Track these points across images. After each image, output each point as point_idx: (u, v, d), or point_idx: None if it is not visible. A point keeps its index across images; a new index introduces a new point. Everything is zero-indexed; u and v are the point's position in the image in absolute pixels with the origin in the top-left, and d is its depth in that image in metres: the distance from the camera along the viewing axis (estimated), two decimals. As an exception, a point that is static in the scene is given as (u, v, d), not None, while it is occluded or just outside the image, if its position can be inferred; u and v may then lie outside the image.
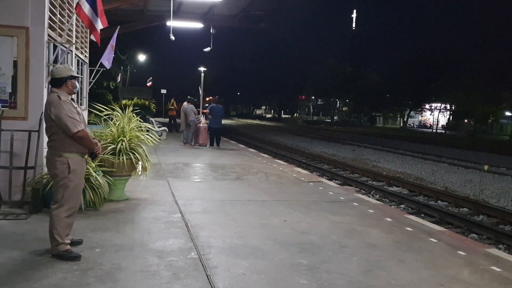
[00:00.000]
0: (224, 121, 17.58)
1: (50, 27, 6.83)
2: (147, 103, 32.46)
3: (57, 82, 4.56)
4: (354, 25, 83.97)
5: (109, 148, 6.79)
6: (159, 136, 13.46)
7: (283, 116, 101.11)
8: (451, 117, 65.29)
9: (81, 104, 10.29)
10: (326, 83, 75.59)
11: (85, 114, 10.67)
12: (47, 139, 4.61)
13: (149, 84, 41.38)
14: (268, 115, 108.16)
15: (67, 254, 4.42)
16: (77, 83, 4.78)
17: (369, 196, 10.54)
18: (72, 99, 4.69)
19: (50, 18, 6.76)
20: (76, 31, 9.05)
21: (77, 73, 6.22)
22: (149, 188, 8.20)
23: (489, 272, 4.69)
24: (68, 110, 4.41)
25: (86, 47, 10.55)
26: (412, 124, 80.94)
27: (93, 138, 4.72)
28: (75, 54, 9.12)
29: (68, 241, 4.54)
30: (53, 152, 4.50)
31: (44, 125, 6.33)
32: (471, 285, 4.29)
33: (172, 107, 25.78)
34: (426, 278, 4.41)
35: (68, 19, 7.84)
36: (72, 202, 4.53)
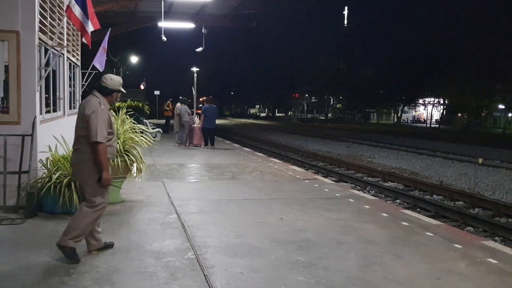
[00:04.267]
0: (218, 121, 17.58)
1: (41, 30, 6.80)
2: (140, 105, 32.38)
3: (105, 90, 4.63)
4: (346, 22, 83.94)
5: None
6: (154, 137, 13.43)
7: (277, 114, 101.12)
8: (444, 111, 65.52)
9: (74, 108, 10.27)
10: (319, 81, 75.66)
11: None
12: (76, 141, 4.56)
13: (142, 86, 41.34)
14: (262, 114, 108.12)
15: (71, 252, 4.45)
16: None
17: (364, 192, 10.57)
18: (110, 109, 4.73)
19: (40, 22, 6.73)
20: (67, 34, 9.02)
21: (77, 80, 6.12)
22: (144, 190, 8.18)
23: (485, 264, 4.71)
24: (101, 118, 4.43)
25: (77, 50, 10.51)
26: (406, 120, 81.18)
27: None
28: (67, 57, 9.09)
29: (79, 241, 4.55)
30: (82, 155, 4.48)
31: (37, 129, 6.36)
32: (468, 278, 4.31)
33: (168, 108, 25.73)
34: (423, 272, 4.43)
35: (59, 22, 7.81)
36: (101, 205, 4.58)
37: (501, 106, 57.80)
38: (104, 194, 4.58)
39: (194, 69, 23.11)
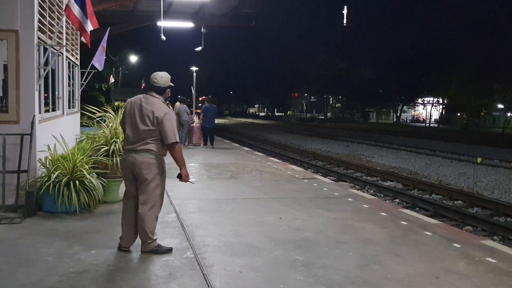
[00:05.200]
0: (217, 121, 17.58)
1: (40, 29, 6.80)
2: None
3: (159, 89, 4.73)
4: (345, 21, 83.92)
5: (103, 149, 6.78)
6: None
7: (277, 114, 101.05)
8: (443, 111, 65.53)
9: (73, 107, 10.26)
10: (318, 80, 75.65)
11: (77, 116, 10.63)
12: (138, 143, 4.59)
13: (142, 86, 41.30)
14: (262, 114, 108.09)
15: (160, 249, 4.73)
16: None
17: (363, 192, 10.58)
18: None
19: (39, 21, 6.73)
20: (66, 33, 9.01)
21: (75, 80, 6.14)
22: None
23: (484, 264, 4.72)
24: (174, 120, 4.63)
25: (77, 49, 10.51)
26: (405, 119, 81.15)
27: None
28: (66, 56, 9.08)
29: (157, 238, 4.80)
30: (147, 156, 4.58)
31: (36, 128, 6.36)
32: (466, 277, 4.31)
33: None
34: (421, 271, 4.43)
35: (58, 21, 7.81)
36: (161, 203, 4.82)
37: (500, 106, 57.84)
38: (163, 191, 4.81)
39: (194, 68, 23.12)
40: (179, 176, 4.71)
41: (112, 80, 26.51)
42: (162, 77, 4.75)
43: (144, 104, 4.61)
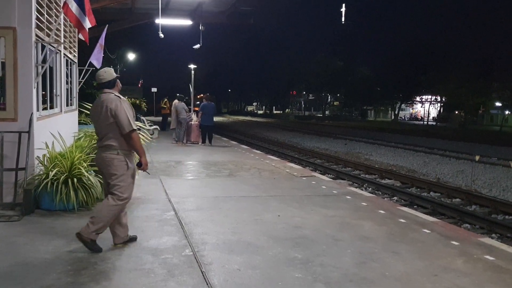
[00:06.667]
0: (215, 118, 17.58)
1: (38, 27, 6.77)
2: (137, 102, 32.29)
3: (109, 84, 4.79)
4: (343, 19, 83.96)
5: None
6: (151, 134, 13.41)
7: (275, 112, 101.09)
8: (441, 109, 65.61)
9: (71, 105, 10.24)
10: (317, 78, 75.66)
11: (75, 114, 10.61)
12: (101, 139, 4.70)
13: (140, 84, 41.28)
14: (260, 112, 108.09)
15: (93, 244, 4.61)
16: None
17: (362, 189, 10.57)
18: None
19: (37, 18, 6.70)
20: (64, 30, 8.99)
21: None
22: (141, 187, 8.16)
23: (482, 261, 4.72)
24: (126, 108, 4.64)
25: (74, 46, 10.48)
26: (403, 117, 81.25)
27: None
28: (64, 54, 9.05)
29: (97, 237, 4.68)
30: (110, 151, 4.63)
31: (34, 126, 6.35)
32: (465, 275, 4.32)
33: (165, 106, 25.67)
34: (420, 269, 4.44)
35: (56, 18, 7.78)
36: (127, 200, 4.76)
37: (498, 104, 57.94)
38: (131, 188, 4.77)
39: (192, 66, 23.08)
40: (139, 165, 4.75)
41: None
42: (106, 72, 4.84)
43: (99, 102, 4.72)
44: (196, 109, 19.86)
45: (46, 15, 7.19)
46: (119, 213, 4.76)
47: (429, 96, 64.25)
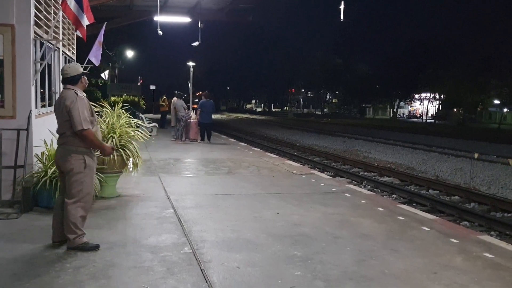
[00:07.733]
0: (214, 116, 17.52)
1: (36, 24, 6.75)
2: (136, 99, 32.22)
3: (72, 80, 4.69)
4: (342, 16, 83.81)
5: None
6: (150, 132, 13.39)
7: (273, 109, 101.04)
8: (440, 106, 65.63)
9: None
10: (315, 76, 75.63)
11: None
12: (60, 136, 4.68)
13: (140, 82, 41.21)
14: (258, 109, 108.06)
15: (85, 245, 4.58)
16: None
17: (361, 187, 10.58)
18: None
19: (35, 15, 6.68)
20: (63, 28, 8.96)
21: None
22: (140, 184, 8.17)
23: (481, 259, 4.72)
24: (81, 106, 4.54)
25: (73, 44, 10.45)
26: (402, 115, 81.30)
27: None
28: (62, 51, 9.04)
29: (84, 233, 4.65)
30: (68, 148, 4.58)
31: (33, 123, 6.33)
32: (464, 272, 4.32)
33: (163, 104, 25.65)
34: (419, 267, 4.43)
35: (54, 15, 7.75)
36: (88, 196, 4.69)
37: (496, 101, 57.97)
38: (88, 185, 4.67)
39: (191, 63, 23.05)
40: (103, 154, 4.93)
41: (105, 75, 26.49)
42: (70, 67, 4.76)
43: (59, 98, 4.68)
44: (195, 106, 19.85)
45: (44, 12, 7.18)
46: (88, 207, 4.72)
47: (428, 94, 64.27)
